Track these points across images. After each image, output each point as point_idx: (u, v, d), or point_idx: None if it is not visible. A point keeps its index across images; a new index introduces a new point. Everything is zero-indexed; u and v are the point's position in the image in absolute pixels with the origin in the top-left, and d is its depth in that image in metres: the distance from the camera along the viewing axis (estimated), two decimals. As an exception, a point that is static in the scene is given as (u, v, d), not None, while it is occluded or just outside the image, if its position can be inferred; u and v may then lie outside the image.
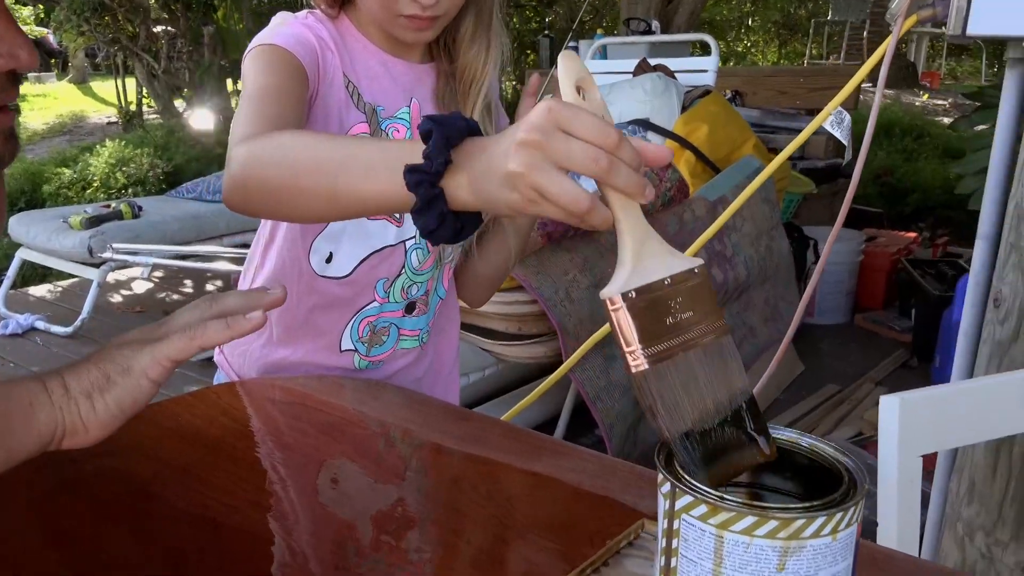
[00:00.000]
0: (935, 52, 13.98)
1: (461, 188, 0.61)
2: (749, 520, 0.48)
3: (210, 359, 1.15)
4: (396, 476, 0.81)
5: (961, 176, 2.66)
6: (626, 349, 0.53)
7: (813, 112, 4.58)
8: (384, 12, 0.95)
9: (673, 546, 0.52)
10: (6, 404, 0.63)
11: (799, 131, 4.25)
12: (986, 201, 1.30)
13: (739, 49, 15.30)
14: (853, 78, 1.28)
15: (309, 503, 0.76)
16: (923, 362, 3.30)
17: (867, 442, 2.51)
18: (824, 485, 0.54)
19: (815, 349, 3.44)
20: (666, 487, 0.52)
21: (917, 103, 9.94)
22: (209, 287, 4.52)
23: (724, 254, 2.77)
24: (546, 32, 8.73)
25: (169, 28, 8.08)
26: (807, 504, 0.49)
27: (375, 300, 1.06)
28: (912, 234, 4.35)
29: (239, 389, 1.01)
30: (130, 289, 4.47)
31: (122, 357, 0.67)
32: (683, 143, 3.03)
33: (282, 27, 0.96)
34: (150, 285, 4.51)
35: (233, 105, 8.44)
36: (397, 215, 1.03)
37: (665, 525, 0.52)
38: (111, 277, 4.02)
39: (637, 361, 0.53)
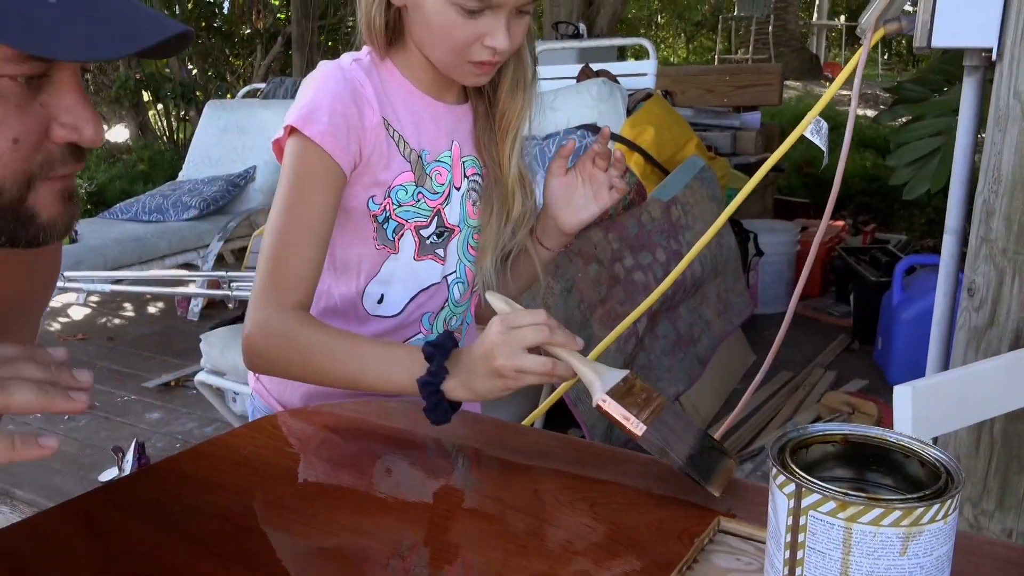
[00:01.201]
0: (831, 43, 14.60)
1: (456, 389, 0.88)
2: (876, 512, 0.55)
3: (168, 384, 1.18)
4: (479, 494, 0.86)
5: (893, 168, 2.83)
6: (626, 426, 0.81)
7: (739, 109, 4.77)
8: (454, 58, 0.99)
9: (800, 540, 0.58)
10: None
11: (730, 128, 4.42)
12: (951, 199, 1.41)
13: (650, 45, 15.68)
14: (826, 92, 1.37)
15: (399, 523, 0.80)
16: (864, 344, 3.49)
17: (827, 424, 2.65)
18: (910, 476, 0.61)
19: (763, 337, 3.59)
20: (790, 487, 0.58)
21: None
22: (150, 309, 4.42)
23: (680, 252, 2.88)
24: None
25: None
26: (923, 493, 0.56)
27: (421, 332, 1.11)
28: (840, 223, 4.57)
29: (293, 418, 1.03)
30: (67, 316, 4.34)
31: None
32: (631, 146, 3.12)
33: (319, 100, 0.98)
34: (88, 311, 4.39)
35: (151, 118, 8.23)
36: (441, 252, 1.09)
37: (789, 521, 0.59)
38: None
39: (637, 428, 0.80)
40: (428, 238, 1.08)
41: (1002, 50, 1.25)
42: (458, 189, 1.10)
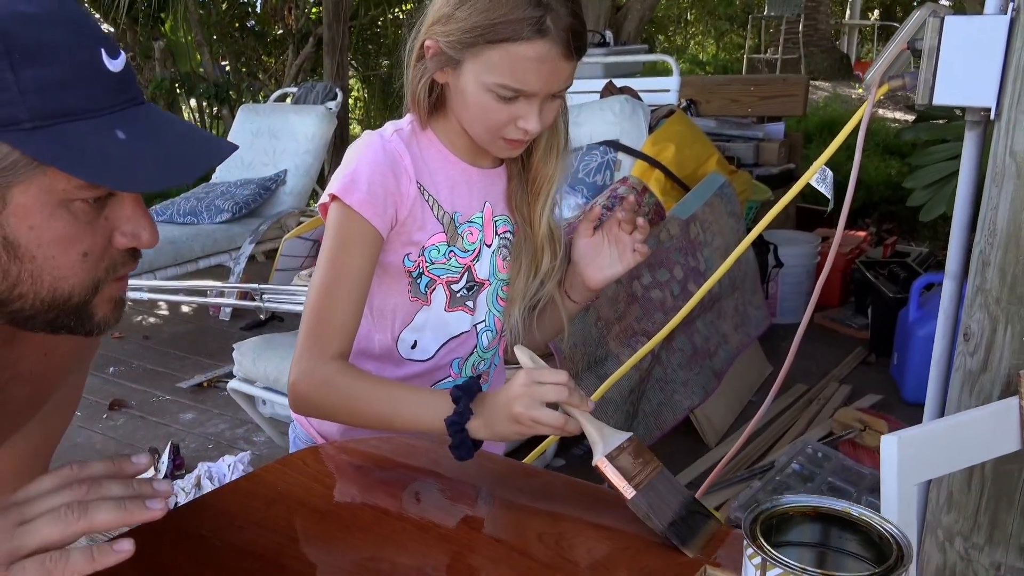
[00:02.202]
0: (864, 37, 14.47)
1: (479, 429, 0.97)
2: (830, 586, 0.63)
3: (201, 385, 1.29)
4: (485, 535, 0.95)
5: (912, 189, 2.87)
6: (619, 487, 0.90)
7: (763, 119, 4.80)
8: (488, 135, 1.08)
9: (765, 605, 0.66)
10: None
11: (753, 139, 4.45)
12: (951, 246, 1.47)
13: (678, 42, 15.63)
14: (830, 145, 1.44)
15: (415, 559, 0.88)
16: (881, 358, 3.53)
17: (838, 442, 2.70)
18: (875, 545, 0.69)
19: (780, 348, 3.65)
20: (757, 560, 0.66)
21: (853, 95, 10.29)
22: (184, 308, 4.56)
23: (698, 269, 2.94)
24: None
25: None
26: (872, 572, 0.64)
27: (450, 375, 1.20)
28: (862, 233, 4.60)
29: (321, 454, 1.13)
30: (105, 315, 4.48)
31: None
32: (652, 163, 3.18)
33: (360, 170, 1.08)
34: (125, 310, 4.52)
35: (185, 116, 8.38)
36: (471, 304, 1.18)
37: (757, 588, 0.67)
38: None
39: (627, 491, 0.89)
40: (458, 292, 1.18)
41: (1000, 110, 1.31)
42: (489, 246, 1.19)
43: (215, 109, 7.77)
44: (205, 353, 3.91)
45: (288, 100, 5.39)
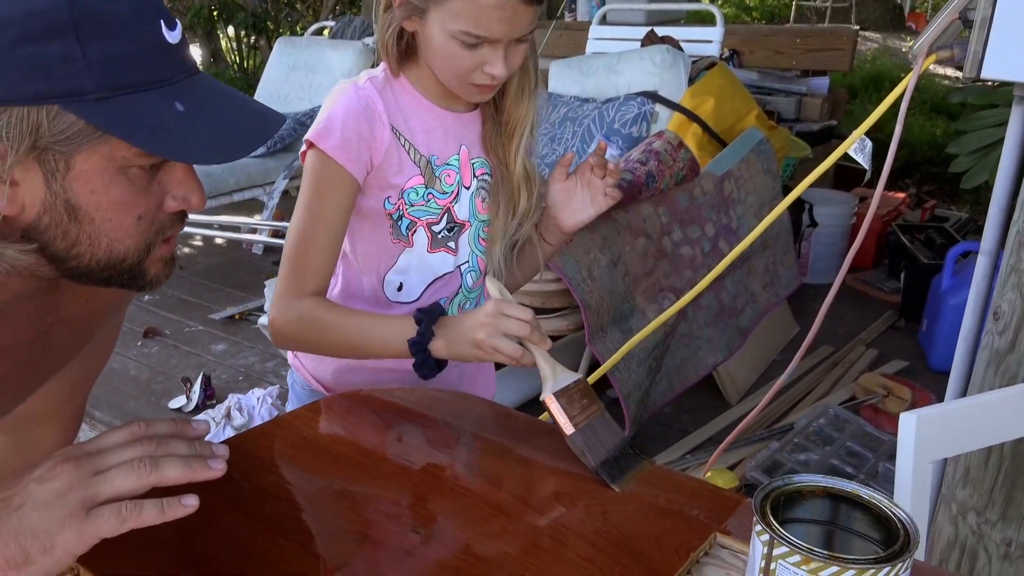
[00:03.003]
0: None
1: (440, 349, 1.06)
2: (834, 568, 0.64)
3: (232, 317, 1.35)
4: (504, 492, 0.97)
5: (956, 155, 2.81)
6: (560, 423, 0.98)
7: (807, 73, 4.68)
8: (458, 81, 1.12)
9: (770, 581, 0.68)
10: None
11: (796, 94, 4.35)
12: (989, 222, 1.45)
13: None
14: (872, 114, 1.41)
15: (414, 510, 0.92)
16: (910, 323, 3.50)
17: (860, 406, 2.71)
18: (883, 525, 0.70)
19: (809, 309, 3.63)
20: (765, 537, 0.68)
21: (904, 48, 9.98)
22: (217, 240, 4.62)
23: (730, 227, 2.92)
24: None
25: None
26: (876, 555, 0.65)
27: None
28: (901, 195, 4.51)
29: (346, 402, 1.16)
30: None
31: (44, 530, 0.65)
32: (691, 116, 3.14)
33: (334, 117, 1.13)
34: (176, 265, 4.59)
35: (224, 47, 8.36)
36: (453, 245, 1.24)
37: (763, 564, 0.68)
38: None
39: (567, 428, 0.98)
40: (439, 233, 1.23)
41: (1048, 86, 1.28)
42: (468, 188, 1.23)
43: (252, 39, 7.73)
44: (237, 286, 3.97)
45: (325, 33, 5.36)
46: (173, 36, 0.72)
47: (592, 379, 1.99)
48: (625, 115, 3.18)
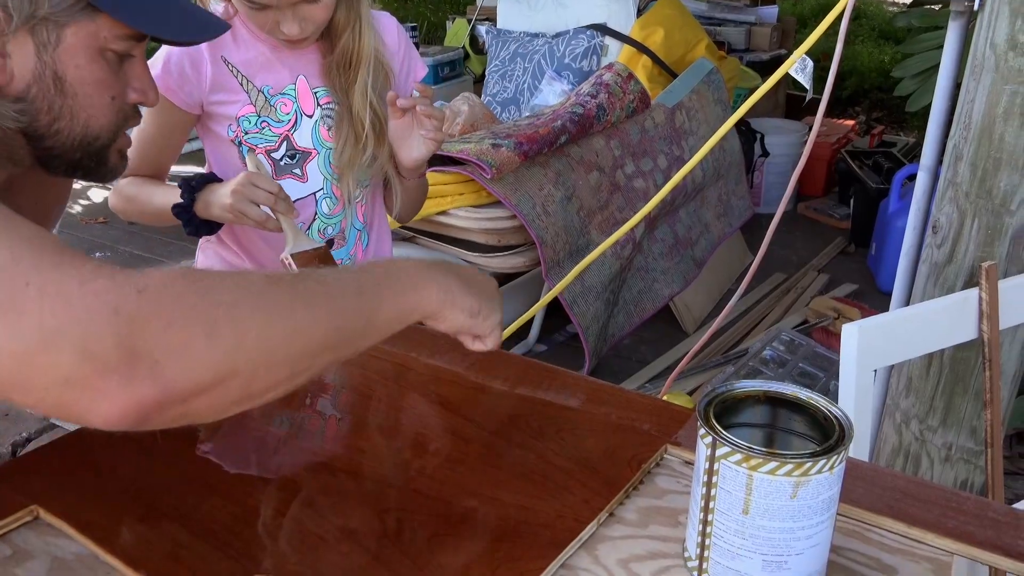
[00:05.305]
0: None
1: (201, 209, 1.20)
2: (772, 464, 0.67)
3: None
4: (462, 418, 0.99)
5: (901, 79, 2.84)
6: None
7: (756, 2, 4.67)
8: (267, 33, 1.22)
9: (714, 480, 0.71)
10: (413, 269, 0.79)
11: (745, 23, 4.35)
12: (928, 138, 1.48)
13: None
14: (812, 34, 1.42)
15: (383, 448, 0.93)
16: (860, 248, 3.58)
17: (812, 329, 2.78)
18: (820, 426, 0.74)
19: (762, 238, 3.67)
20: (708, 439, 0.71)
21: (854, -24, 9.97)
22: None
23: (683, 158, 2.94)
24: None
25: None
26: (812, 450, 0.69)
27: None
28: (850, 122, 4.57)
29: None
30: (88, 199, 4.46)
31: (489, 300, 0.85)
32: (640, 48, 3.13)
33: (162, 52, 1.25)
34: (106, 193, 4.50)
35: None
36: (299, 172, 1.31)
37: (707, 465, 0.71)
38: (70, 189, 4.01)
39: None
40: (281, 160, 1.30)
41: (983, 1, 1.30)
42: (310, 116, 1.30)
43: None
44: (191, 239, 3.91)
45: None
46: None
47: (543, 303, 2.01)
48: (575, 49, 3.16)
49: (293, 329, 0.64)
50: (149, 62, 1.18)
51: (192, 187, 1.19)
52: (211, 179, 1.21)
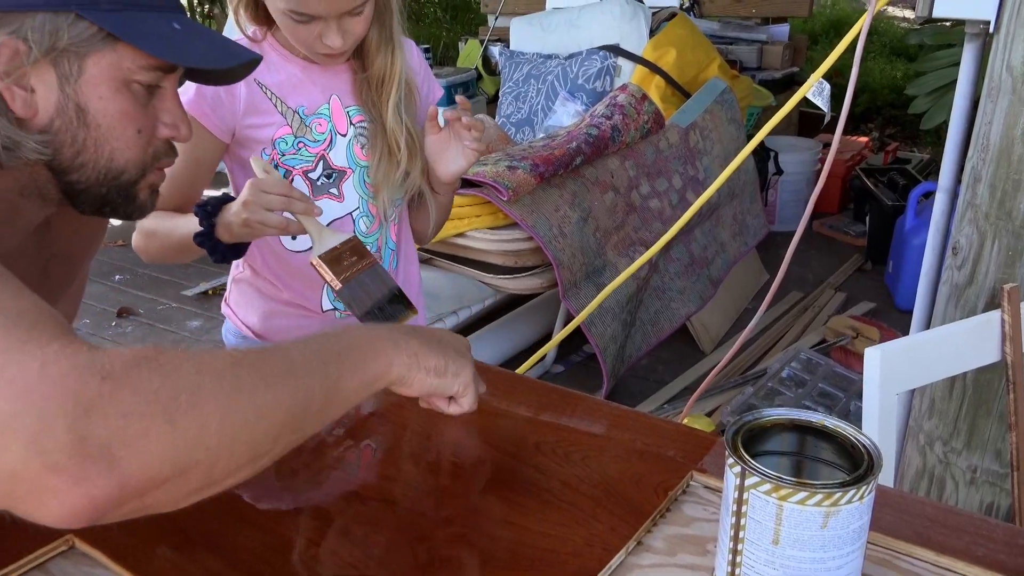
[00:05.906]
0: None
1: (223, 234, 1.13)
2: (802, 494, 0.67)
3: (206, 292, 1.39)
4: (484, 443, 1.00)
5: (914, 97, 2.84)
6: (328, 281, 1.06)
7: (767, 21, 4.69)
8: (304, 47, 1.21)
9: (743, 510, 0.71)
10: (373, 336, 0.76)
11: (757, 42, 4.36)
12: (945, 159, 1.49)
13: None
14: (829, 56, 1.43)
15: (402, 474, 0.94)
16: (877, 265, 3.57)
17: (830, 349, 2.77)
18: (849, 454, 0.74)
19: (777, 256, 3.66)
20: (737, 469, 0.71)
21: (864, -8, 10.00)
22: (185, 217, 4.57)
23: (697, 178, 2.95)
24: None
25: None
26: (843, 480, 0.69)
27: None
28: (864, 139, 4.56)
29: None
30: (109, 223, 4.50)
31: (457, 357, 0.82)
32: (653, 68, 3.15)
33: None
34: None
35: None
36: (336, 191, 1.30)
37: (736, 495, 0.72)
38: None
39: (336, 284, 1.05)
40: (318, 180, 1.29)
41: (999, 24, 1.31)
42: (344, 136, 1.29)
43: (207, 7, 7.58)
44: (208, 260, 3.93)
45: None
46: None
47: (566, 332, 2.02)
48: (588, 70, 3.18)
49: (255, 414, 0.62)
50: (181, 89, 1.18)
51: (208, 212, 1.15)
52: (225, 200, 1.17)
